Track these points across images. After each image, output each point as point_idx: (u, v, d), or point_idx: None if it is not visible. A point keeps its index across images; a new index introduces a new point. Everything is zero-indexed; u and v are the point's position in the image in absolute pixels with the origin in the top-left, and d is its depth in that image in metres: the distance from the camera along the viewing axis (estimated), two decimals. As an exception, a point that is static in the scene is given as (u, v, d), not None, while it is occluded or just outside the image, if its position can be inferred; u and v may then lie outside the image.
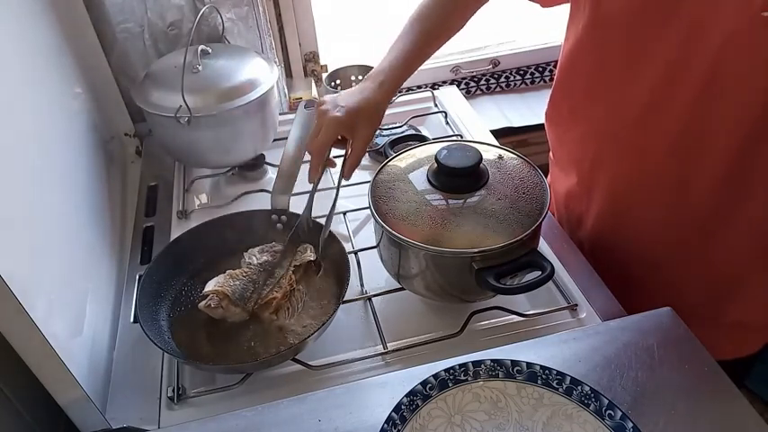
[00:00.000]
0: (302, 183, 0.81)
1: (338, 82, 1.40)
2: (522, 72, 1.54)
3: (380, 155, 1.03)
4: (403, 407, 0.57)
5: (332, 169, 0.83)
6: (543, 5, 0.83)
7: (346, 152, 0.75)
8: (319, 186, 0.94)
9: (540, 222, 0.67)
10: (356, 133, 0.73)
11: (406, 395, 0.58)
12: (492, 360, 0.61)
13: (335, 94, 0.75)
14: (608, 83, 0.73)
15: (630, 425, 0.54)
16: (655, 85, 0.67)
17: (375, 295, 0.77)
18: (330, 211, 0.75)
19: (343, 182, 0.75)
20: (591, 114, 0.78)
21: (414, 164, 0.74)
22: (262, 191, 0.95)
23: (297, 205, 0.81)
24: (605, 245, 0.84)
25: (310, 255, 0.76)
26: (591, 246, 0.87)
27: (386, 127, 1.08)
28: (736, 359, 0.80)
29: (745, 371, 0.88)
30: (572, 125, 0.84)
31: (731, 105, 0.63)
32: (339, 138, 0.74)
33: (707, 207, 0.71)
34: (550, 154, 0.95)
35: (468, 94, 1.54)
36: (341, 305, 0.70)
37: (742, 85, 0.61)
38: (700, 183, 0.70)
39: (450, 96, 1.19)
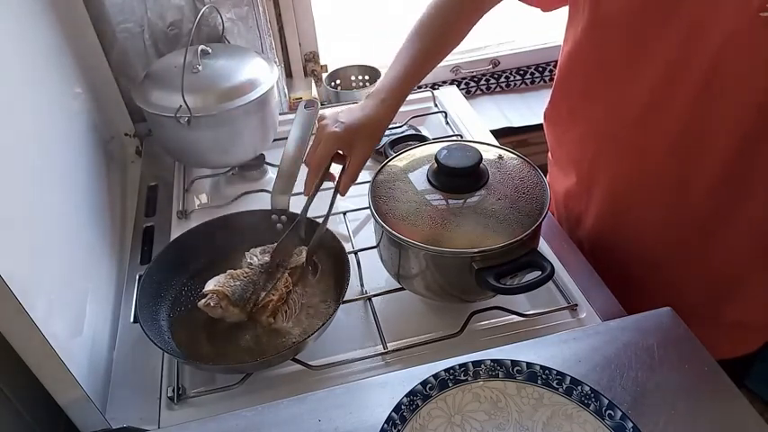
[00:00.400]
0: (302, 183, 0.81)
1: (338, 82, 1.40)
2: (522, 72, 1.55)
3: (380, 155, 1.03)
4: (403, 407, 0.57)
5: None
6: (544, 9, 0.83)
7: (343, 168, 0.75)
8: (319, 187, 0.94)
9: (540, 222, 0.67)
10: (354, 150, 0.73)
11: (406, 395, 0.58)
12: (492, 360, 0.61)
13: (337, 110, 0.75)
14: (608, 83, 0.74)
15: (630, 425, 0.54)
16: (655, 85, 0.67)
17: (375, 295, 0.77)
18: (323, 221, 0.75)
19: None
20: (590, 115, 0.78)
21: (414, 164, 0.74)
22: (262, 191, 0.95)
23: (297, 205, 0.81)
24: (605, 245, 0.84)
25: (305, 257, 0.76)
26: (590, 245, 0.87)
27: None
28: (735, 358, 0.80)
29: (745, 370, 0.88)
30: (571, 125, 0.84)
31: (731, 105, 0.63)
32: (340, 153, 0.74)
33: (707, 207, 0.71)
34: (549, 154, 0.95)
35: (468, 94, 1.54)
36: (341, 305, 0.70)
37: (742, 85, 0.61)
38: (699, 182, 0.70)
39: (451, 96, 1.19)
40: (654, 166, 0.73)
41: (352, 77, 1.41)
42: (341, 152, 0.74)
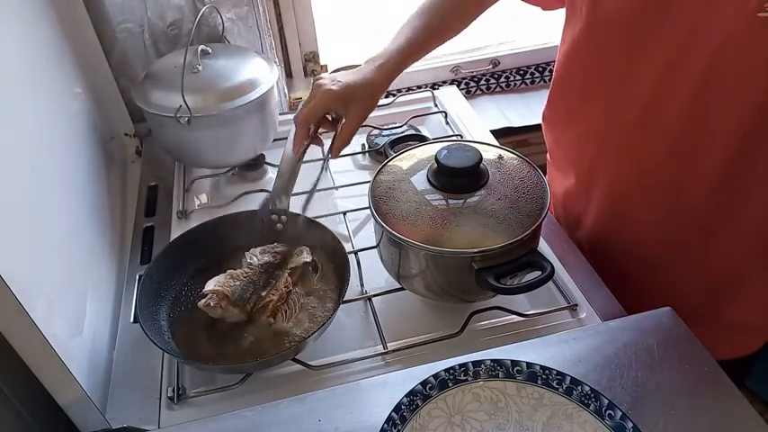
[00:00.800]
0: (302, 183, 0.81)
1: (338, 82, 1.40)
2: (522, 72, 1.54)
3: (380, 155, 1.03)
4: (403, 407, 0.57)
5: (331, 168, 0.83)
6: (544, 8, 0.83)
7: (336, 131, 0.74)
8: (318, 187, 0.94)
9: (540, 222, 0.67)
10: (350, 109, 0.72)
11: (406, 395, 0.58)
12: (492, 360, 0.61)
13: (334, 73, 0.75)
14: (607, 83, 0.73)
15: (630, 425, 0.54)
16: (654, 85, 0.67)
17: (375, 295, 0.77)
18: (313, 186, 0.74)
19: (344, 181, 0.75)
20: (589, 115, 0.78)
21: (414, 164, 0.74)
22: (262, 191, 0.95)
23: (297, 205, 0.81)
24: (604, 245, 0.84)
25: (306, 257, 0.76)
26: (590, 246, 0.87)
27: (386, 127, 1.08)
28: (735, 359, 0.80)
29: (745, 370, 0.88)
30: (569, 126, 0.84)
31: (731, 105, 0.63)
32: (331, 119, 0.73)
33: (706, 207, 0.71)
34: (547, 155, 0.95)
35: (468, 94, 1.54)
36: (341, 305, 0.70)
37: (741, 86, 0.61)
38: (699, 183, 0.70)
39: (450, 96, 1.19)
40: (653, 167, 0.73)
41: (353, 77, 1.40)
42: (329, 117, 0.73)
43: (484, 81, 1.53)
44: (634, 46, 0.68)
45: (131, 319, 0.75)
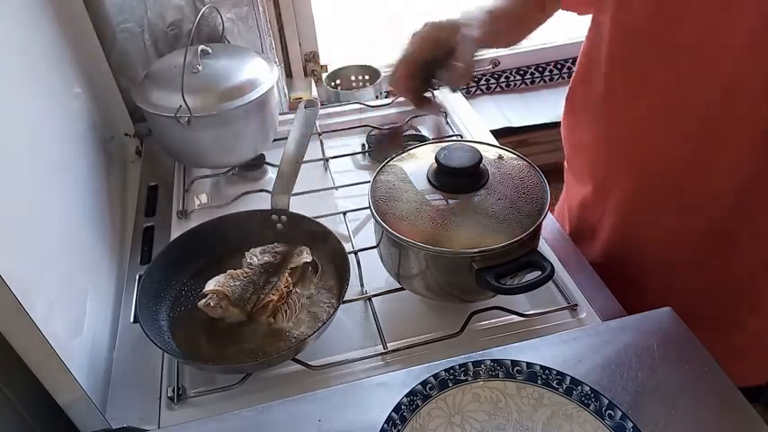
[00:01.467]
0: (302, 183, 0.81)
1: (338, 82, 1.40)
2: (522, 72, 1.55)
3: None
4: (403, 407, 0.57)
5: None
6: (580, 14, 0.81)
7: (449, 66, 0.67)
8: (318, 187, 0.94)
9: (540, 222, 0.67)
10: (464, 34, 0.66)
11: (406, 395, 0.58)
12: (492, 360, 0.61)
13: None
14: (625, 89, 0.72)
15: (630, 425, 0.54)
16: (673, 91, 0.66)
17: (375, 295, 0.77)
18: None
19: (344, 181, 0.74)
20: (606, 121, 0.77)
21: (414, 164, 0.74)
22: (262, 191, 0.95)
23: (297, 205, 0.82)
24: (618, 255, 0.82)
25: (306, 257, 0.76)
26: (604, 258, 0.84)
27: (386, 127, 1.08)
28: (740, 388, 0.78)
29: (754, 399, 0.85)
30: (586, 132, 0.82)
31: (753, 108, 0.61)
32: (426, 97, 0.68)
33: (724, 213, 0.69)
34: (565, 162, 0.93)
35: (468, 94, 1.54)
36: (341, 305, 0.70)
37: (764, 86, 0.60)
38: (719, 187, 0.68)
39: (451, 96, 1.19)
40: (672, 172, 0.71)
41: (352, 77, 1.41)
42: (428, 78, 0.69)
43: (484, 81, 1.54)
44: (652, 51, 0.67)
45: (131, 319, 0.75)
